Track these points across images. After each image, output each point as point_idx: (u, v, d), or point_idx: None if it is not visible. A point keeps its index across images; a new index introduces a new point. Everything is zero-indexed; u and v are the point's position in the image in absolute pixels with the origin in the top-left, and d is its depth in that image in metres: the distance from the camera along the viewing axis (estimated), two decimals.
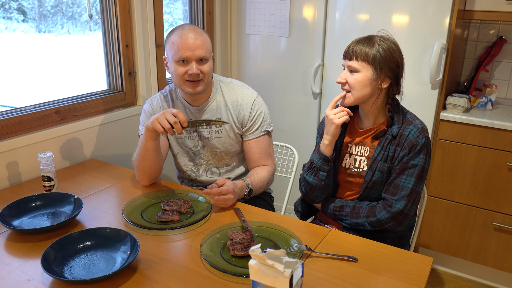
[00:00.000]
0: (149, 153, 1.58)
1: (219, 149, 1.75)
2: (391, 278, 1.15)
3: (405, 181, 1.42)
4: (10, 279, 1.13)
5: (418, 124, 1.45)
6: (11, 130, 1.76)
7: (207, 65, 1.61)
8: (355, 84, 1.42)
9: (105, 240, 1.26)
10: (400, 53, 1.44)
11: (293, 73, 2.68)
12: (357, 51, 1.41)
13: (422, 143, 1.41)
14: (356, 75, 1.41)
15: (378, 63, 1.39)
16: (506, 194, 2.22)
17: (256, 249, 0.86)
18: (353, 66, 1.41)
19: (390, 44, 1.42)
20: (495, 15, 2.35)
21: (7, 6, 1.95)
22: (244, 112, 1.71)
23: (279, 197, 2.18)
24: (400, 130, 1.44)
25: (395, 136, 1.44)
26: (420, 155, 1.41)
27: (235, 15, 2.83)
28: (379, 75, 1.40)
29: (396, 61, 1.42)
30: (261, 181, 1.67)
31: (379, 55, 1.39)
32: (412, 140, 1.41)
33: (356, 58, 1.41)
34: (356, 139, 1.53)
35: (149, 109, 1.76)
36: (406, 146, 1.42)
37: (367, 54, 1.40)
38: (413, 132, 1.42)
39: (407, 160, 1.41)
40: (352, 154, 1.53)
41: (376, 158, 1.46)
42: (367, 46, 1.40)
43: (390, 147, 1.44)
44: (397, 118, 1.46)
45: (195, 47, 1.56)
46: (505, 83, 2.60)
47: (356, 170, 1.51)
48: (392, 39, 1.45)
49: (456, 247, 2.43)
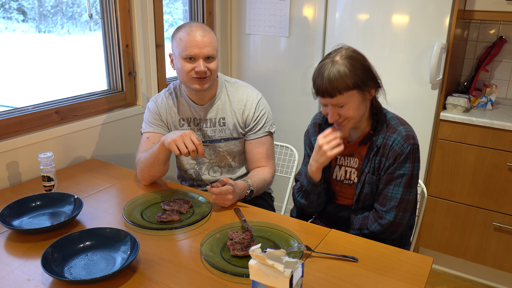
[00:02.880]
0: (159, 162, 1.59)
1: (221, 148, 1.75)
2: (391, 278, 1.15)
3: (392, 192, 1.39)
4: (10, 279, 1.13)
5: (403, 131, 1.38)
6: (11, 130, 1.76)
7: (214, 63, 1.61)
8: (351, 113, 1.34)
9: (105, 240, 1.25)
10: (364, 57, 1.36)
11: (293, 73, 2.68)
12: (335, 85, 1.29)
13: (407, 152, 1.36)
14: (346, 106, 1.32)
15: (360, 82, 1.31)
16: (506, 194, 2.22)
17: (256, 249, 0.86)
18: (341, 102, 1.31)
19: (355, 56, 1.33)
20: (495, 15, 2.35)
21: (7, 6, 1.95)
22: (248, 112, 1.72)
23: (279, 197, 2.19)
24: (384, 139, 1.39)
25: (380, 147, 1.40)
26: (406, 164, 1.37)
27: (235, 15, 2.83)
28: (365, 90, 1.34)
29: (369, 68, 1.35)
30: (262, 182, 1.67)
31: (356, 76, 1.30)
32: (396, 150, 1.36)
33: (339, 92, 1.29)
34: (344, 151, 1.48)
35: (153, 107, 1.75)
36: (390, 156, 1.37)
37: (347, 84, 1.29)
38: (397, 141, 1.37)
39: (393, 170, 1.38)
40: (342, 166, 1.50)
41: (364, 171, 1.43)
42: (339, 74, 1.28)
43: (375, 158, 1.41)
44: (380, 127, 1.41)
45: (203, 44, 1.56)
46: (505, 83, 2.60)
47: (347, 182, 1.49)
48: (350, 48, 1.35)
49: (456, 247, 2.43)
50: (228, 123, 1.72)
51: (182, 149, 1.44)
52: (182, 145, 1.45)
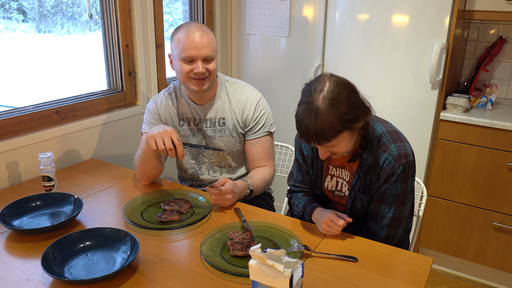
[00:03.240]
0: (150, 158, 1.59)
1: (221, 148, 1.75)
2: (391, 278, 1.15)
3: (384, 210, 1.36)
4: (10, 279, 1.13)
5: (394, 151, 1.29)
6: (11, 130, 1.76)
7: (213, 64, 1.60)
8: (342, 150, 1.27)
9: (105, 240, 1.26)
10: (349, 88, 1.21)
11: (293, 73, 2.68)
12: (322, 136, 1.18)
13: (399, 173, 1.29)
14: (336, 146, 1.24)
15: (348, 122, 1.19)
16: (506, 194, 2.22)
17: (256, 249, 0.86)
18: (330, 145, 1.23)
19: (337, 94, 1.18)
20: (495, 15, 2.35)
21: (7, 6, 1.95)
22: (247, 112, 1.71)
23: (279, 197, 2.18)
24: (375, 158, 1.32)
25: (370, 166, 1.34)
26: (398, 184, 1.31)
27: (235, 15, 2.83)
28: (353, 127, 1.22)
29: (356, 102, 1.21)
30: (261, 181, 1.67)
31: (343, 121, 1.17)
32: (387, 171, 1.30)
33: (328, 140, 1.19)
34: (336, 162, 1.45)
35: (153, 107, 1.75)
36: (381, 176, 1.31)
37: (334, 131, 1.17)
38: (387, 161, 1.29)
39: (384, 190, 1.33)
40: (333, 176, 1.47)
41: (354, 187, 1.39)
42: (325, 124, 1.16)
43: (366, 176, 1.35)
44: (371, 145, 1.32)
45: (202, 46, 1.55)
46: (505, 83, 2.60)
47: (338, 194, 1.47)
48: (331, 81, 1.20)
49: (456, 247, 2.43)
50: (228, 123, 1.72)
51: (160, 146, 1.44)
52: (160, 142, 1.45)
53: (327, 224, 1.34)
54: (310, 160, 1.49)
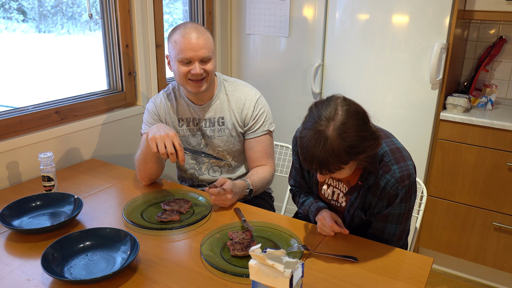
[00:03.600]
0: (150, 158, 1.59)
1: (221, 147, 1.75)
2: (391, 278, 1.15)
3: (390, 229, 1.33)
4: (10, 279, 1.13)
5: (396, 172, 1.24)
6: (11, 130, 1.76)
7: (210, 64, 1.60)
8: (342, 176, 1.23)
9: (105, 240, 1.26)
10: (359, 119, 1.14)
11: (293, 73, 2.68)
12: (326, 167, 1.12)
13: (402, 194, 1.25)
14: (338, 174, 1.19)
15: (355, 155, 1.13)
16: (506, 194, 2.22)
17: (256, 249, 0.86)
18: (334, 176, 1.22)
19: (348, 125, 1.11)
20: (495, 15, 2.35)
21: (7, 6, 1.95)
22: (246, 111, 1.71)
23: (279, 197, 2.18)
24: (376, 179, 1.27)
25: (371, 186, 1.29)
26: (402, 204, 1.28)
27: (235, 15, 2.83)
28: (358, 158, 1.16)
29: (367, 136, 1.14)
30: (261, 181, 1.67)
31: (351, 154, 1.12)
32: (390, 193, 1.25)
33: (331, 172, 1.15)
34: None
35: (152, 108, 1.75)
36: (383, 197, 1.27)
37: (339, 163, 1.12)
38: (390, 183, 1.24)
39: (388, 211, 1.30)
40: (330, 185, 1.44)
41: (353, 204, 1.36)
42: (332, 155, 1.10)
43: (366, 195, 1.32)
44: (372, 166, 1.25)
45: (198, 47, 1.55)
46: (505, 83, 2.60)
47: (334, 203, 1.45)
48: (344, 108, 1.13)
49: (456, 247, 2.43)
50: (227, 122, 1.72)
51: (161, 149, 1.44)
52: (161, 145, 1.44)
53: (321, 221, 1.35)
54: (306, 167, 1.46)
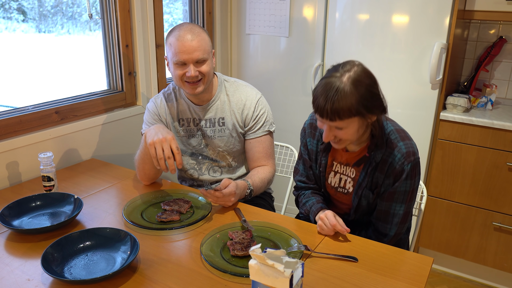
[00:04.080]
0: (149, 157, 1.58)
1: (221, 148, 1.75)
2: (391, 278, 1.15)
3: (395, 209, 1.37)
4: (10, 279, 1.13)
5: (402, 148, 1.32)
6: (11, 130, 1.76)
7: (206, 65, 1.60)
8: (347, 136, 1.28)
9: (105, 240, 1.26)
10: (372, 80, 1.26)
11: (293, 73, 2.68)
12: (336, 110, 1.20)
13: (408, 170, 1.31)
14: (344, 130, 1.26)
15: (364, 109, 1.22)
16: (506, 194, 2.22)
17: (256, 249, 0.86)
18: (339, 125, 1.25)
19: (362, 80, 1.22)
20: (495, 15, 2.35)
21: (7, 6, 1.95)
22: (247, 111, 1.71)
23: (279, 197, 2.18)
24: (384, 156, 1.34)
25: (378, 163, 1.35)
26: (408, 181, 1.33)
27: (235, 15, 2.83)
28: (366, 116, 1.25)
29: (376, 94, 1.25)
30: (261, 181, 1.67)
31: (360, 104, 1.21)
32: (396, 168, 1.32)
33: (340, 118, 1.21)
34: (341, 159, 1.46)
35: (153, 108, 1.75)
36: (390, 174, 1.33)
37: (349, 110, 1.20)
38: (397, 158, 1.31)
39: (394, 189, 1.34)
40: (337, 173, 1.47)
41: (361, 184, 1.40)
42: (343, 100, 1.19)
43: (374, 173, 1.36)
44: (379, 142, 1.34)
45: (192, 49, 1.54)
46: (505, 83, 2.60)
47: (341, 190, 1.47)
48: (360, 68, 1.25)
49: (456, 247, 2.43)
50: (227, 123, 1.72)
51: (159, 154, 1.44)
52: (159, 150, 1.44)
53: (322, 220, 1.35)
54: (314, 155, 1.50)
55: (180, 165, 1.46)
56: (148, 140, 1.48)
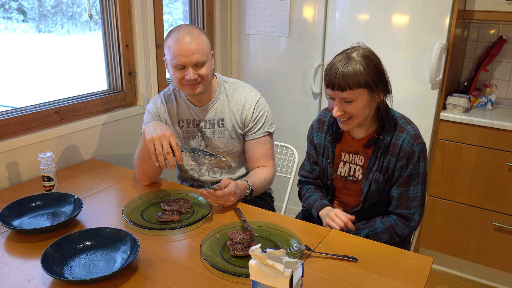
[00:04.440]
0: (148, 155, 1.57)
1: (221, 149, 1.75)
2: (391, 278, 1.15)
3: (413, 192, 1.43)
4: (10, 279, 1.13)
5: (411, 130, 1.41)
6: (11, 130, 1.76)
7: (205, 68, 1.59)
8: (357, 111, 1.36)
9: (105, 240, 1.26)
10: (379, 60, 1.40)
11: (293, 73, 2.68)
12: (348, 81, 1.31)
13: (418, 151, 1.39)
14: (353, 103, 1.35)
15: (372, 82, 1.34)
16: (506, 194, 2.22)
17: (256, 249, 0.86)
18: (349, 97, 1.34)
19: (372, 58, 1.36)
20: (495, 15, 2.35)
21: (7, 6, 1.95)
22: (247, 112, 1.71)
23: (279, 197, 2.18)
24: (393, 139, 1.41)
25: (388, 146, 1.42)
26: (420, 163, 1.40)
27: (235, 15, 2.83)
28: (374, 92, 1.36)
29: (382, 72, 1.38)
30: (262, 181, 1.67)
31: (370, 76, 1.33)
32: (407, 150, 1.39)
33: (350, 87, 1.32)
34: (350, 148, 1.51)
35: (153, 108, 1.75)
36: (402, 157, 1.40)
37: (359, 80, 1.32)
38: (406, 140, 1.39)
39: (410, 172, 1.40)
40: (346, 162, 1.52)
41: (371, 169, 1.45)
42: (354, 71, 1.31)
43: (383, 157, 1.43)
44: (388, 126, 1.42)
45: (191, 52, 1.54)
46: (505, 83, 2.60)
47: (351, 179, 1.51)
48: (367, 48, 1.39)
49: (456, 247, 2.43)
50: (227, 123, 1.72)
51: (158, 150, 1.44)
52: (158, 146, 1.44)
53: (331, 218, 1.42)
54: (321, 149, 1.56)
55: (180, 160, 1.46)
56: (147, 137, 1.48)
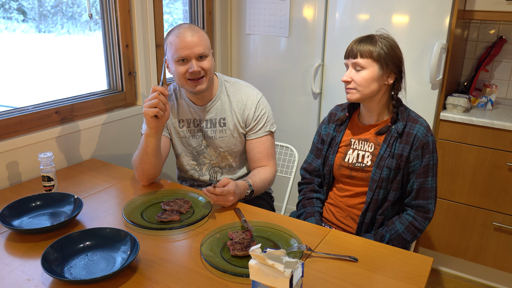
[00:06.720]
0: (149, 156, 1.57)
1: (222, 148, 1.75)
2: (391, 278, 1.15)
3: (430, 183, 1.47)
4: (10, 279, 1.13)
5: (424, 122, 1.48)
6: (11, 130, 1.76)
7: (207, 61, 1.60)
8: (362, 81, 1.44)
9: (105, 240, 1.26)
10: (400, 50, 1.49)
11: (293, 73, 2.68)
12: (361, 49, 1.44)
13: (432, 141, 1.45)
14: (362, 72, 1.44)
15: (384, 59, 1.43)
16: (506, 194, 2.22)
17: (256, 249, 0.86)
18: (359, 63, 1.44)
19: (391, 41, 1.47)
20: (495, 15, 2.35)
21: (7, 6, 1.95)
22: (248, 111, 1.71)
23: (279, 197, 2.18)
24: (406, 128, 1.47)
25: (401, 134, 1.46)
26: (434, 154, 1.46)
27: (235, 15, 2.83)
28: (384, 71, 1.45)
29: (398, 57, 1.47)
30: (262, 182, 1.67)
31: (383, 52, 1.43)
32: (422, 140, 1.44)
33: (362, 56, 1.43)
34: (359, 135, 1.55)
35: None
36: (418, 147, 1.44)
37: (371, 51, 1.43)
38: (421, 130, 1.45)
39: (427, 162, 1.45)
40: (355, 149, 1.55)
41: (382, 156, 1.48)
42: (370, 44, 1.44)
43: (396, 144, 1.46)
44: (401, 115, 1.49)
45: (193, 44, 1.55)
46: (505, 83, 2.60)
47: (359, 165, 1.53)
48: (391, 37, 1.49)
49: (456, 247, 2.43)
50: (228, 123, 1.72)
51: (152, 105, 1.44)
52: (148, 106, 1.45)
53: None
54: (329, 138, 1.61)
55: (166, 91, 1.47)
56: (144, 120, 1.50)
